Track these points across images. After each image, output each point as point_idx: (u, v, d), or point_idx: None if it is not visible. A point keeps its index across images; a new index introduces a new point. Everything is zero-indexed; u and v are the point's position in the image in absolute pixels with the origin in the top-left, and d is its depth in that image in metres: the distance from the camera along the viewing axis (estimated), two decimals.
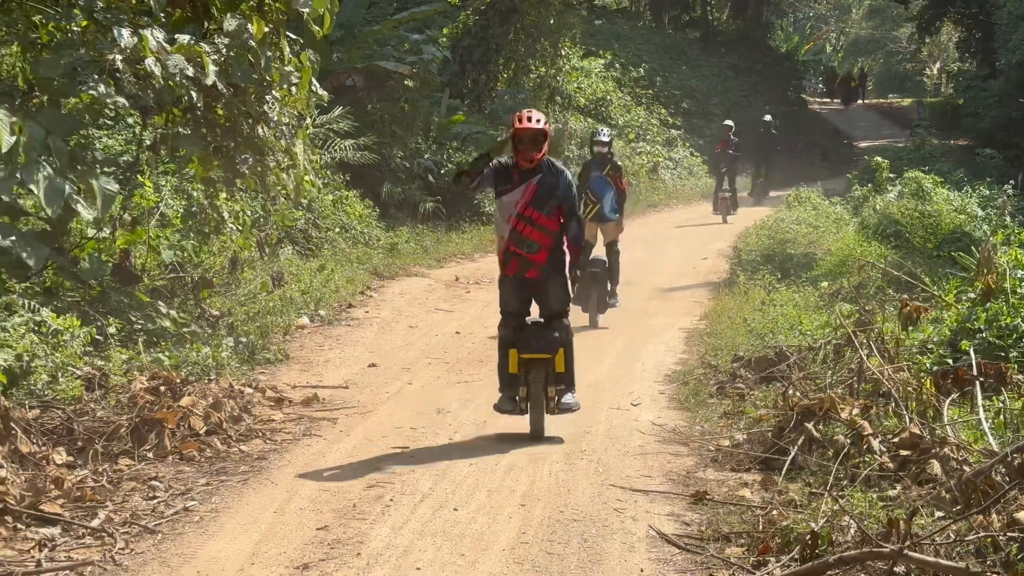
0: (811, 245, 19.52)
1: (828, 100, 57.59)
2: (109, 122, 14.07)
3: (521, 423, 9.07)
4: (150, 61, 9.81)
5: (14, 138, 9.05)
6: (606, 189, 14.25)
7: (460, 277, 17.53)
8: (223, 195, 12.99)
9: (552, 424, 9.04)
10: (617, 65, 35.69)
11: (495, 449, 8.56)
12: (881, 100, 57.51)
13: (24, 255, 9.55)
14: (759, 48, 46.28)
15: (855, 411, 8.19)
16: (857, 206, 24.01)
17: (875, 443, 7.66)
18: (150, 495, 7.32)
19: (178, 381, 9.07)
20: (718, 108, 39.15)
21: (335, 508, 7.18)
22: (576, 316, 10.25)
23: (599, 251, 14.44)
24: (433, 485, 7.65)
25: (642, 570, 6.27)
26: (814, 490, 7.18)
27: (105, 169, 11.96)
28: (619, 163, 14.91)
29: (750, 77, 43.09)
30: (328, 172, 18.78)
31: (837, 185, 31.05)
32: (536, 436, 8.84)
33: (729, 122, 28.59)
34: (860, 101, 56.09)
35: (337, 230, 18.16)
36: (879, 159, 26.32)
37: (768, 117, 31.74)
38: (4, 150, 8.96)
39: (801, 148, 41.26)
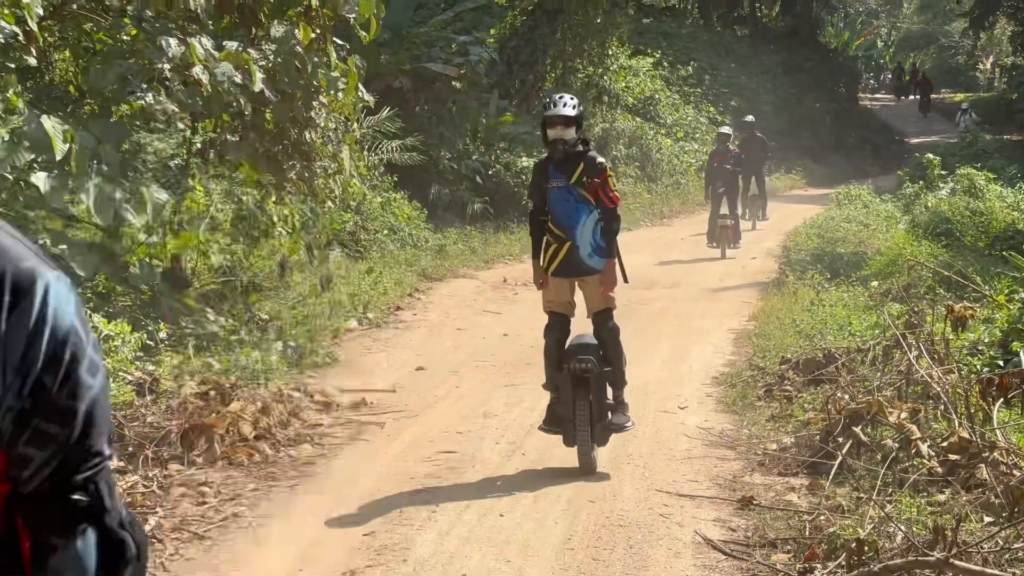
0: (861, 244, 19.37)
1: (896, 98, 56.82)
2: (161, 126, 14.21)
3: None
4: (198, 69, 9.92)
5: (67, 146, 9.18)
6: (579, 212, 8.23)
7: (508, 278, 17.55)
8: (272, 199, 13.09)
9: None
10: (665, 63, 35.59)
11: (542, 454, 8.58)
12: (933, 96, 56.89)
13: (74, 264, 9.68)
14: (809, 44, 46.00)
15: (903, 415, 8.14)
16: (908, 204, 23.81)
17: (923, 447, 7.60)
18: (200, 501, 7.40)
19: (227, 386, 9.17)
20: (767, 106, 38.93)
21: (382, 514, 7.23)
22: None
23: (584, 328, 8.78)
24: (479, 490, 7.69)
25: None
26: (862, 495, 7.14)
27: (155, 173, 12.13)
28: (600, 160, 8.23)
29: (799, 74, 42.84)
30: (376, 174, 18.87)
31: (888, 182, 30.83)
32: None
33: (726, 129, 22.93)
34: (912, 96, 55.59)
35: (385, 232, 18.24)
36: (930, 156, 26.12)
37: (750, 117, 26.04)
38: (58, 158, 9.09)
39: (851, 145, 41.00)
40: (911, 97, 55.46)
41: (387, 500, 7.50)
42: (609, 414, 8.21)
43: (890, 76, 62.42)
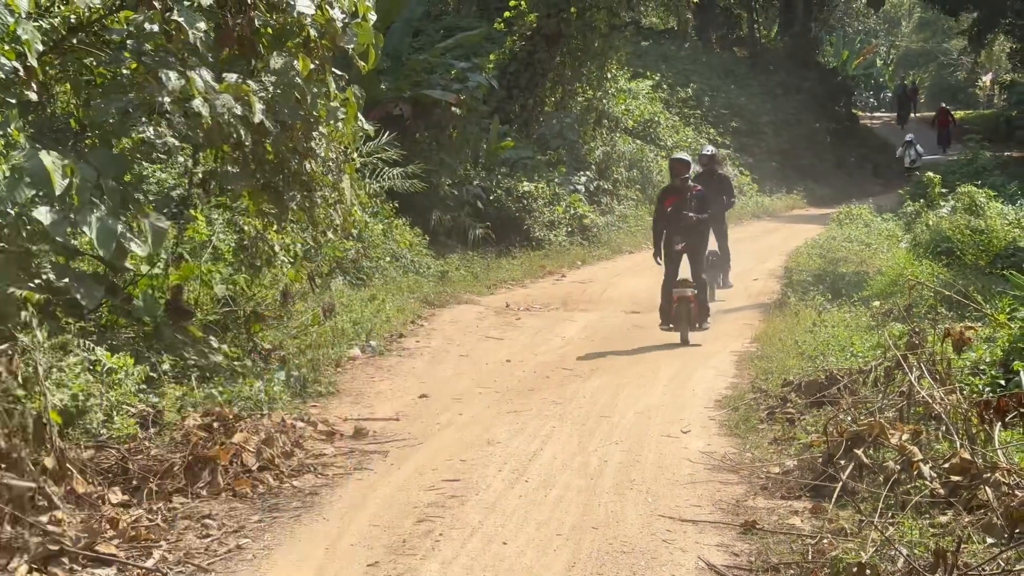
0: (863, 264, 19.40)
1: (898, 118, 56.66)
2: (162, 156, 14.27)
3: (563, 455, 9.13)
4: (197, 102, 9.97)
5: (67, 180, 9.23)
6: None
7: (511, 303, 17.58)
8: (273, 228, 13.15)
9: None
10: (664, 86, 35.70)
11: (544, 481, 8.59)
12: (932, 113, 56.89)
13: (79, 295, 9.73)
14: (808, 64, 46.13)
15: (905, 436, 8.16)
16: (909, 222, 23.83)
17: (925, 469, 7.63)
18: (204, 533, 7.42)
19: (231, 417, 9.19)
20: (768, 127, 39.06)
21: (385, 544, 7.24)
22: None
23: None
24: (483, 518, 7.70)
25: None
26: (864, 518, 7.15)
27: (157, 204, 12.17)
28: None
29: (799, 94, 42.95)
30: (377, 201, 18.92)
31: (889, 201, 30.87)
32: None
33: (683, 155, 15.99)
34: (912, 115, 55.66)
35: (388, 259, 18.28)
36: (931, 174, 26.15)
37: (710, 149, 19.94)
38: (57, 193, 9.14)
39: (852, 164, 41.06)
40: (914, 115, 55.55)
41: (391, 529, 7.51)
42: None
43: (888, 95, 62.46)
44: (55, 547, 6.70)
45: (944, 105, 49.73)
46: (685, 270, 14.98)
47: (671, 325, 14.83)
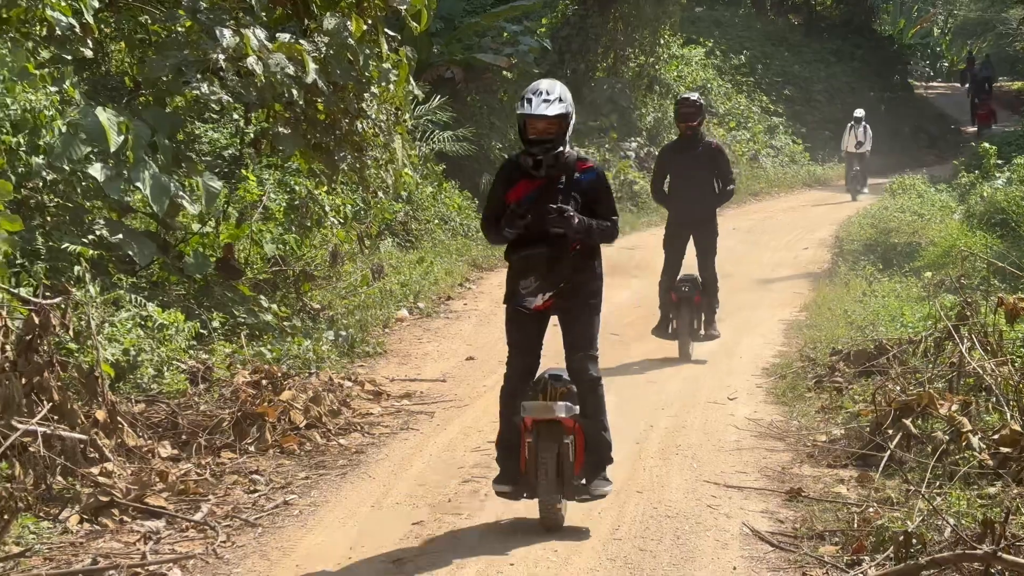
0: (915, 234, 19.20)
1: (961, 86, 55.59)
2: (215, 116, 14.36)
3: (618, 414, 9.13)
4: (252, 60, 10.03)
5: (122, 137, 9.31)
6: None
7: None
8: (324, 189, 13.20)
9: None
10: (718, 52, 35.38)
11: None
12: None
13: (132, 252, 9.82)
14: (863, 32, 45.49)
15: (954, 407, 8.10)
16: (963, 194, 23.53)
17: (974, 440, 7.56)
18: (251, 488, 7.49)
19: (279, 375, 9.26)
20: (821, 95, 38.62)
21: (431, 503, 7.29)
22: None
23: None
24: None
25: (735, 568, 6.28)
26: (911, 488, 7.11)
27: (210, 162, 12.27)
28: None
29: (853, 62, 42.40)
30: (427, 164, 18.93)
31: (943, 172, 30.50)
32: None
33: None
34: (965, 86, 54.84)
35: (436, 222, 18.30)
36: (986, 145, 25.81)
37: (695, 96, 12.28)
38: (112, 149, 9.22)
39: (906, 134, 40.58)
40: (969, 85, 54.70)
41: (436, 489, 7.56)
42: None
43: (947, 66, 61.55)
44: (106, 498, 6.80)
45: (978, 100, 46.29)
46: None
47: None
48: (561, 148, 6.73)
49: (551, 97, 6.65)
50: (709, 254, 11.83)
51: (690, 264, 11.99)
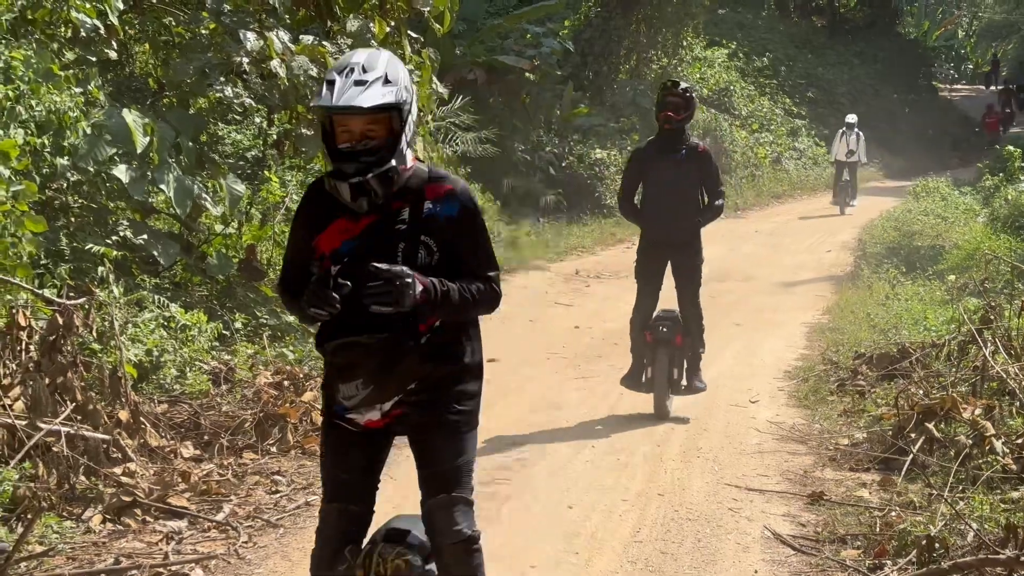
0: (938, 237, 19.15)
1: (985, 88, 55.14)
2: (238, 117, 14.40)
3: (630, 422, 9.15)
4: (275, 63, 10.07)
5: (147, 139, 9.35)
6: None
7: (580, 271, 17.57)
8: None
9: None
10: (740, 55, 35.34)
11: (611, 447, 8.60)
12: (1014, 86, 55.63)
13: (155, 253, 9.87)
14: (887, 35, 45.39)
15: (978, 411, 8.07)
16: (987, 197, 23.47)
17: (998, 444, 7.53)
18: (273, 489, 7.51)
19: (301, 376, 9.28)
20: (845, 97, 38.50)
21: None
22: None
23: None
24: (548, 482, 7.73)
25: (756, 571, 6.27)
26: (933, 492, 7.08)
27: (233, 164, 12.29)
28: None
29: (877, 64, 42.32)
30: (449, 166, 18.94)
31: (967, 175, 30.40)
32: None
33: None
34: (993, 87, 54.61)
35: None
36: (1011, 148, 25.70)
37: (685, 86, 9.56)
38: (138, 151, 9.27)
39: (930, 137, 40.43)
40: (995, 88, 54.41)
41: None
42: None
43: (971, 68, 61.23)
44: (128, 498, 6.83)
45: (992, 104, 43.97)
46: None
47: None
48: (393, 162, 4.13)
49: (368, 77, 4.05)
50: (692, 284, 9.49)
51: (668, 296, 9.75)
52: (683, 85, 9.45)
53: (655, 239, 9.50)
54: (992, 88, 54.22)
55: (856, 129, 25.89)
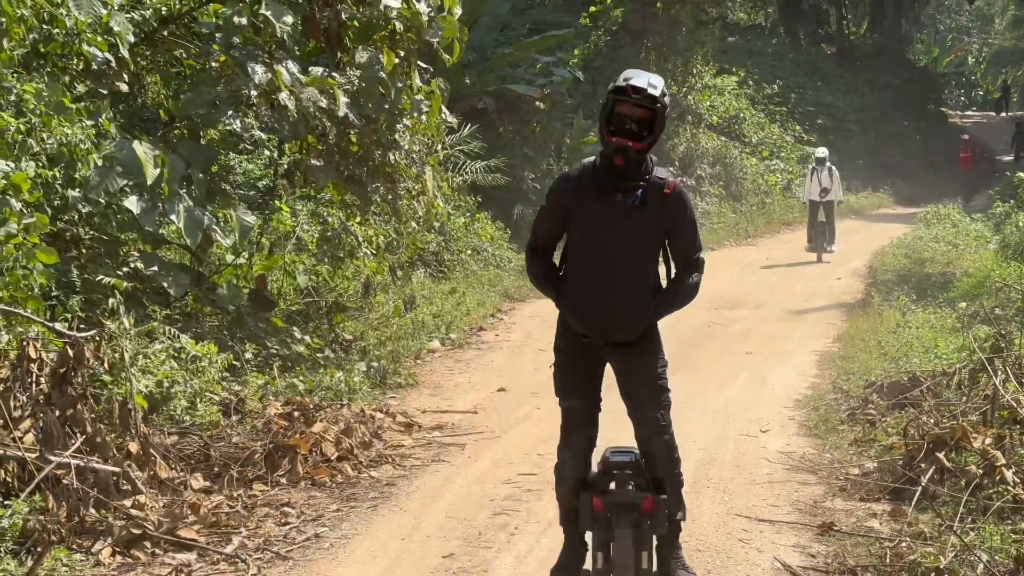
0: (949, 264, 19.13)
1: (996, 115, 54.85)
2: (249, 147, 14.48)
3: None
4: (284, 95, 10.12)
5: (158, 171, 9.40)
6: None
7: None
8: (356, 220, 13.27)
9: None
10: (750, 82, 35.45)
11: None
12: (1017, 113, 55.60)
13: (166, 284, 9.90)
14: (897, 62, 45.51)
15: (988, 440, 8.03)
16: (999, 223, 23.42)
17: (1008, 474, 7.50)
18: (283, 521, 7.51)
19: (311, 407, 9.30)
20: (855, 124, 38.59)
21: (461, 536, 7.29)
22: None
23: None
24: (558, 513, 7.69)
25: None
26: (944, 522, 7.06)
27: (244, 193, 12.35)
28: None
29: (887, 92, 42.39)
30: (459, 195, 19.00)
31: (979, 201, 30.37)
32: None
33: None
34: (1004, 114, 54.63)
35: (469, 252, 18.36)
36: (1021, 175, 25.68)
37: (656, 83, 5.57)
38: (149, 182, 9.32)
39: (941, 163, 40.41)
40: (1006, 114, 54.42)
41: (467, 522, 7.56)
42: None
43: (982, 95, 61.29)
44: (138, 531, 6.83)
45: (966, 136, 38.23)
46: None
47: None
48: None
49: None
50: (654, 397, 5.81)
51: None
52: (651, 81, 5.57)
53: (588, 330, 5.74)
54: (1004, 115, 54.19)
55: (828, 164, 23.58)
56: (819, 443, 9.62)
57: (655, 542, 5.89)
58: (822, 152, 24.00)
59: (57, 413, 7.19)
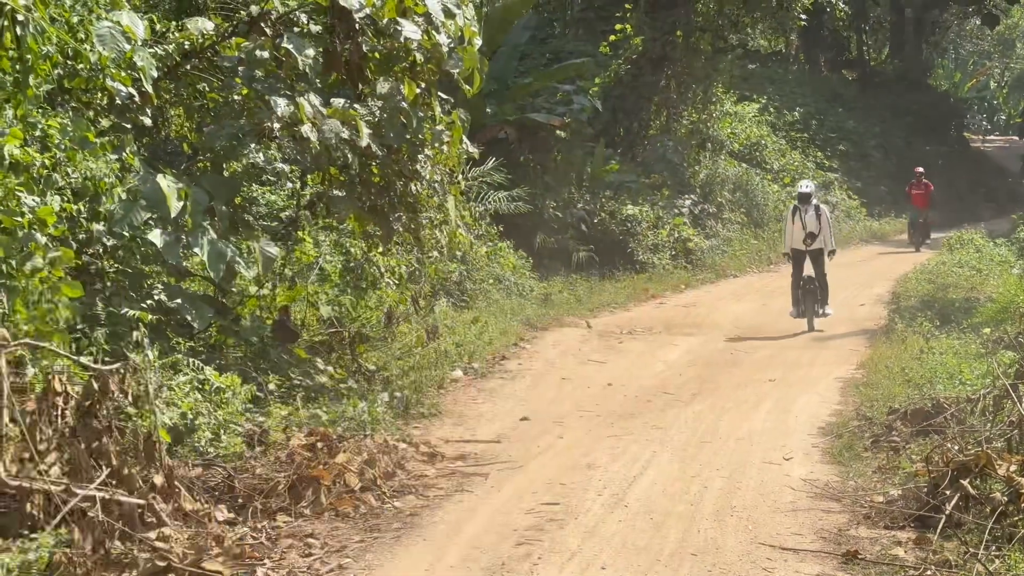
0: (973, 290, 19.06)
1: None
2: (271, 179, 14.55)
3: (663, 480, 9.12)
4: (306, 128, 10.18)
5: (181, 203, 9.46)
6: None
7: (614, 327, 17.57)
8: (379, 250, 13.32)
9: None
10: (771, 109, 35.45)
11: (644, 506, 8.57)
12: None
13: (189, 316, 9.95)
14: (918, 87, 45.46)
15: (1013, 467, 8.00)
16: (1022, 248, 23.35)
17: None
18: (306, 552, 7.53)
19: (334, 437, 9.32)
20: (876, 150, 38.55)
21: (484, 566, 7.29)
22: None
23: None
24: (581, 543, 7.71)
25: None
26: (969, 550, 7.02)
27: (267, 224, 12.42)
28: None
29: (908, 117, 42.34)
30: (482, 224, 19.05)
31: (1002, 226, 30.26)
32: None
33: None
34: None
35: (491, 281, 18.39)
36: None
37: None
38: (172, 215, 9.38)
39: (964, 188, 40.30)
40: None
41: (490, 552, 7.56)
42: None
43: (1004, 119, 61.08)
44: (163, 563, 6.85)
45: (919, 169, 32.13)
46: None
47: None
48: None
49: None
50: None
51: None
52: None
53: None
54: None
55: (815, 201, 18.16)
56: (843, 471, 9.59)
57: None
58: (806, 187, 18.39)
59: (83, 446, 7.23)
